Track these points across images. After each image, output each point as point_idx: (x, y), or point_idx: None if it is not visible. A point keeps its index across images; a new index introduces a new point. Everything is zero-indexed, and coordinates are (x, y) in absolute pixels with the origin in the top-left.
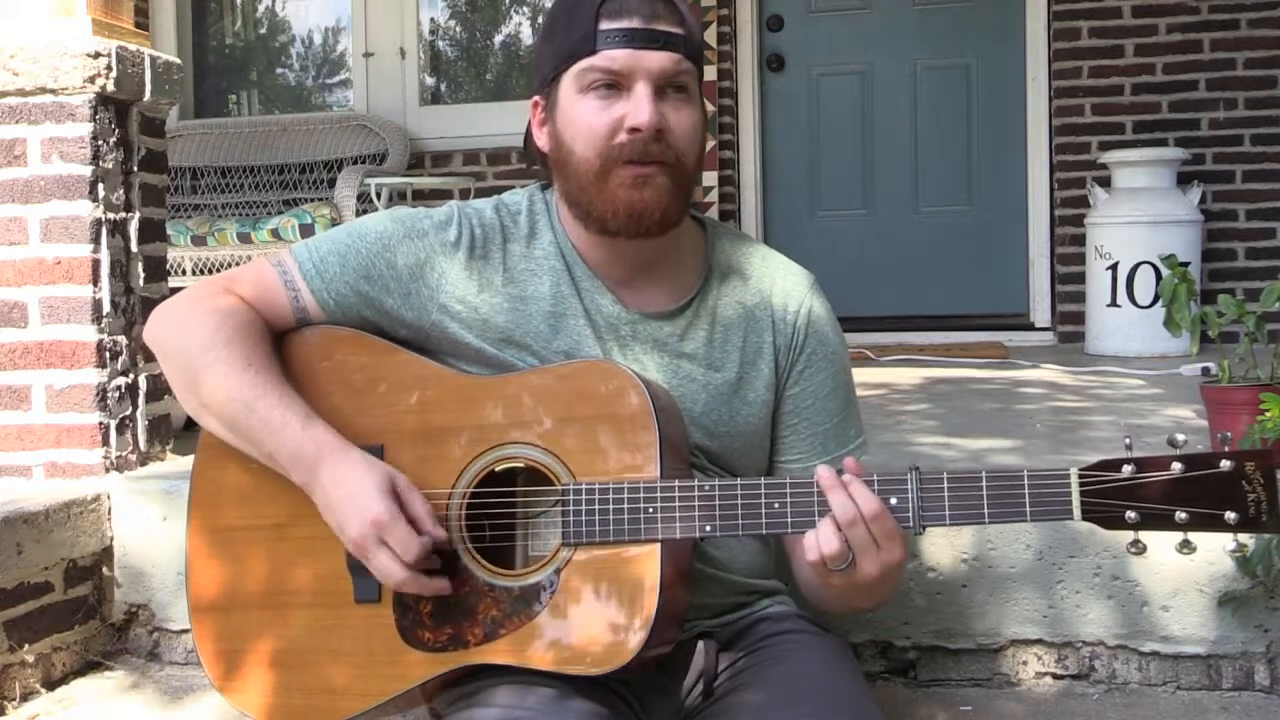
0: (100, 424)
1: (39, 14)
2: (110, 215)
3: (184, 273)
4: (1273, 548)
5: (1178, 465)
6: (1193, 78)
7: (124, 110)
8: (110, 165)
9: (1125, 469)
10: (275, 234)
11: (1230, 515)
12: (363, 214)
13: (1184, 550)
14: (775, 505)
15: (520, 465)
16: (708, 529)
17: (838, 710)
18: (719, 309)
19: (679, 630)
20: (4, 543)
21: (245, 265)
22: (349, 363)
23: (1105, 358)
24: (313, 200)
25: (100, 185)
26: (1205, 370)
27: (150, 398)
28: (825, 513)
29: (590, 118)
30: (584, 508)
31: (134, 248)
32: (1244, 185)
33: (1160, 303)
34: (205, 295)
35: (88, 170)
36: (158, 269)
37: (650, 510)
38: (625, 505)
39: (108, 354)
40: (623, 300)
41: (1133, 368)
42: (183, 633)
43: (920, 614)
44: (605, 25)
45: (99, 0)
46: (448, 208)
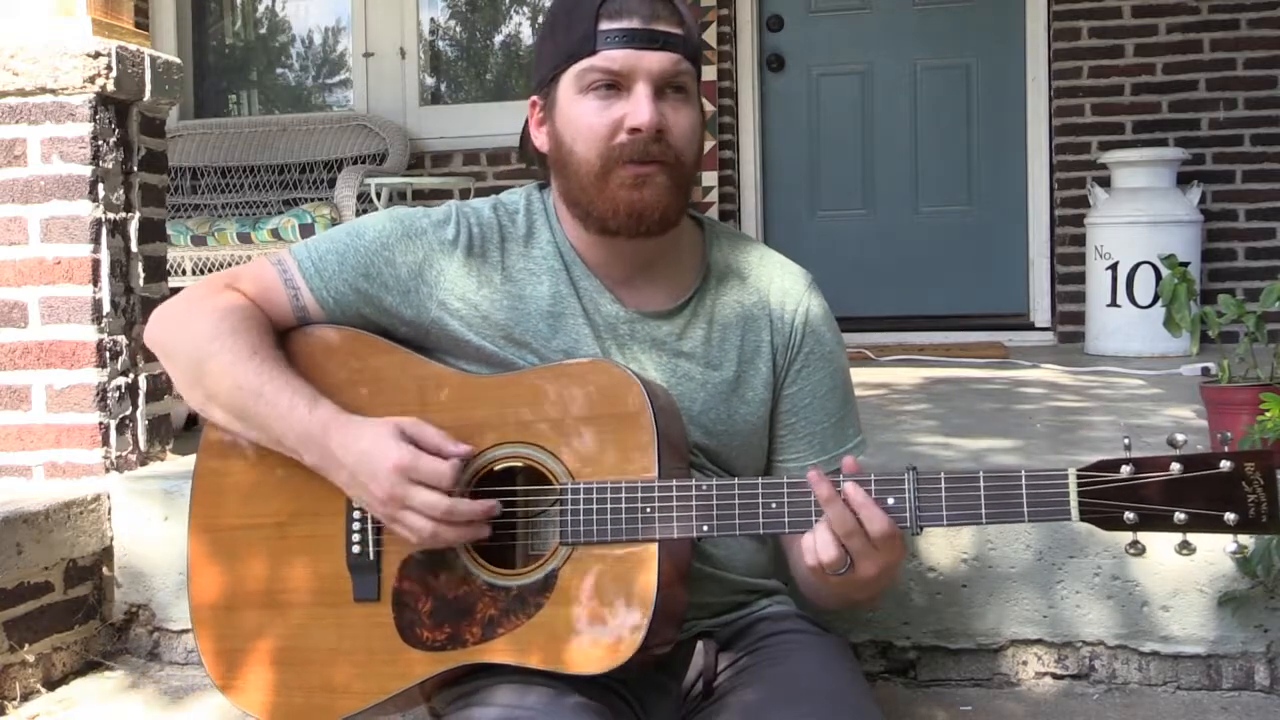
0: (100, 424)
1: (39, 14)
2: (110, 215)
3: (184, 273)
4: (1273, 548)
5: (1177, 466)
6: (1193, 78)
7: (124, 110)
8: (110, 165)
9: (1124, 469)
10: (275, 234)
11: (1230, 516)
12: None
13: (1183, 551)
14: (772, 505)
15: (519, 465)
16: (705, 529)
17: (838, 710)
18: (717, 308)
19: (678, 630)
20: (4, 543)
21: (245, 265)
22: (349, 362)
23: (1105, 358)
24: (313, 200)
25: (100, 185)
26: (1205, 370)
27: (150, 398)
28: (823, 514)
29: (590, 118)
30: (582, 507)
31: (134, 248)
32: (1244, 185)
33: (1160, 303)
34: (207, 293)
35: (88, 170)
36: (158, 269)
37: (648, 510)
38: (623, 505)
39: (108, 354)
40: (621, 299)
41: (1133, 368)
42: (183, 633)
43: (920, 614)
44: (605, 25)
45: (99, 0)
46: (446, 207)
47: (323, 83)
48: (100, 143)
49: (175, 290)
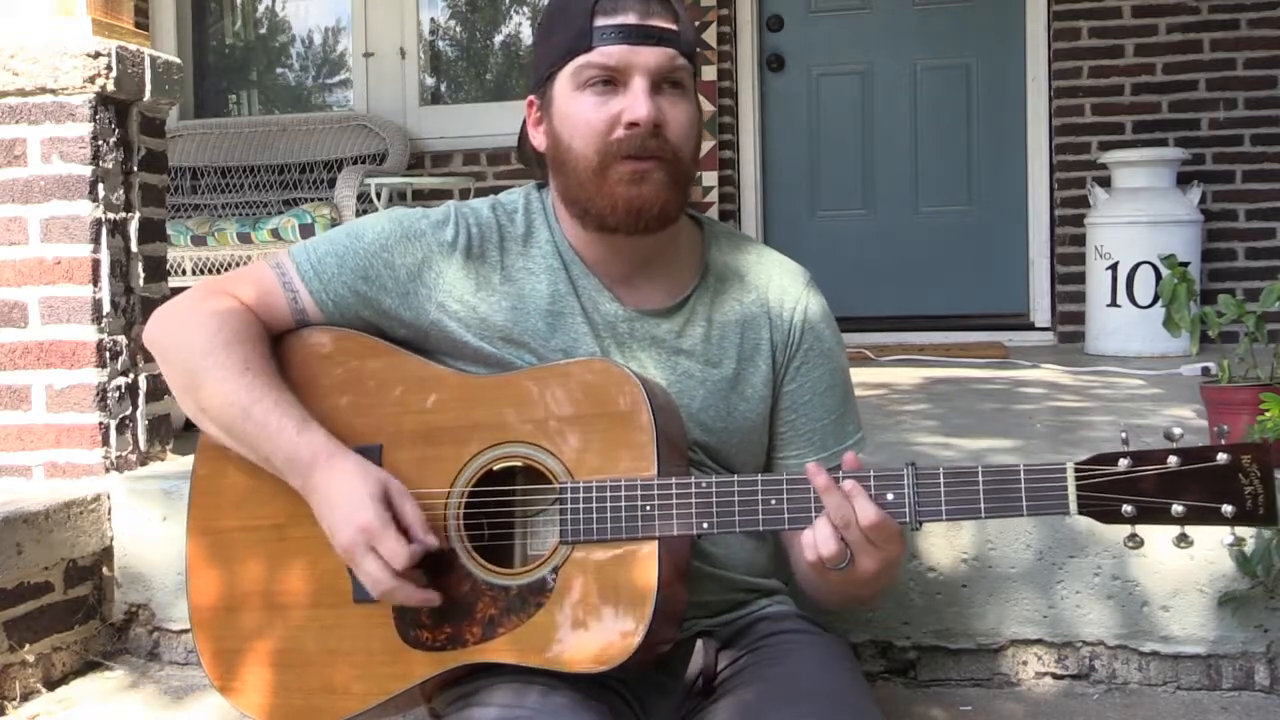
0: (100, 424)
1: (39, 14)
2: (110, 215)
3: (184, 273)
4: (1273, 548)
5: (1174, 459)
6: (1193, 78)
7: (124, 110)
8: (110, 165)
9: (1121, 463)
10: (275, 234)
11: (1227, 508)
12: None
13: (1181, 544)
14: (772, 502)
15: (518, 464)
16: (705, 526)
17: (837, 710)
18: (716, 306)
19: (677, 629)
20: (4, 543)
21: (244, 267)
22: (348, 363)
23: (1105, 358)
24: (313, 200)
25: (100, 185)
26: (1205, 370)
27: (150, 398)
28: (821, 510)
29: (588, 113)
30: (581, 506)
31: (134, 248)
32: (1244, 185)
33: (1160, 303)
34: (204, 298)
35: (88, 170)
36: (158, 269)
37: (648, 508)
38: (623, 503)
39: (108, 354)
40: (620, 298)
41: (1133, 368)
42: (183, 633)
43: (920, 614)
44: (600, 22)
45: (99, 0)
46: (444, 208)
47: (323, 83)
48: (100, 143)
49: (175, 290)
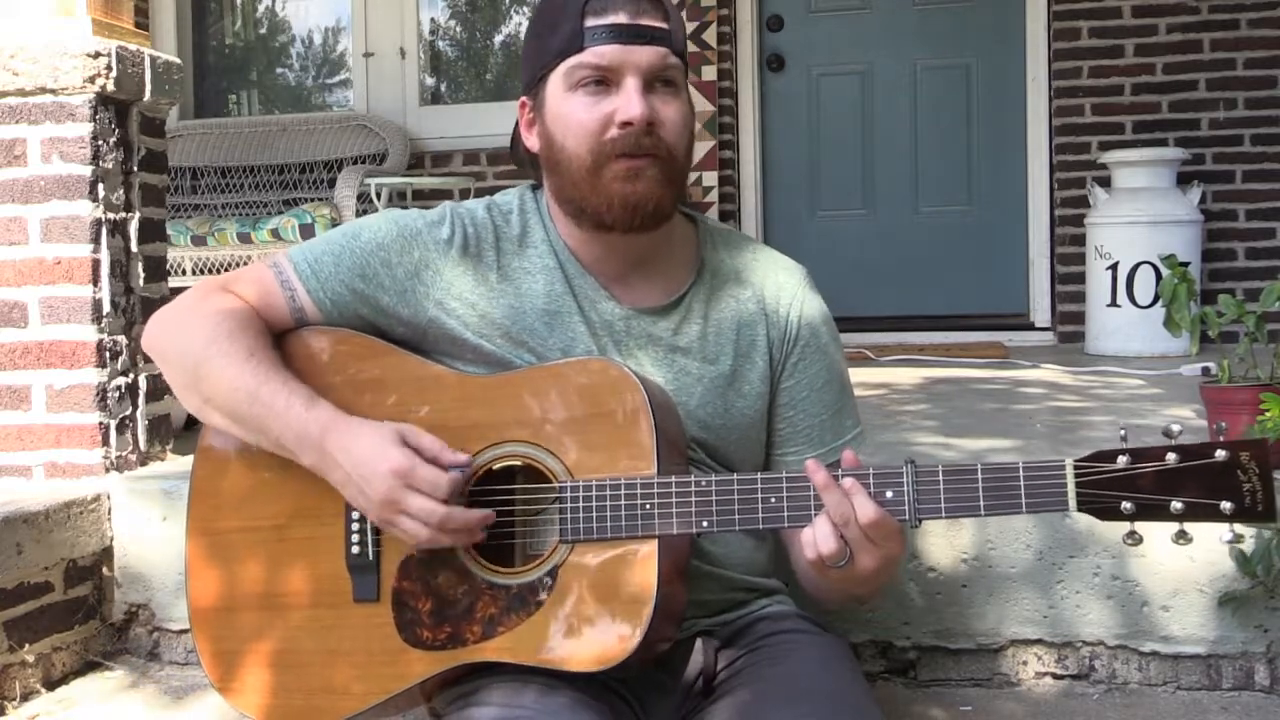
0: (100, 424)
1: (39, 14)
2: (110, 215)
3: (184, 273)
4: (1273, 548)
5: (1172, 456)
6: (1193, 78)
7: (124, 110)
8: (110, 165)
9: (1120, 460)
10: (275, 234)
11: (1226, 505)
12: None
13: (1180, 541)
14: (772, 500)
15: (518, 464)
16: (705, 524)
17: (837, 710)
18: (712, 303)
19: (677, 628)
20: (4, 543)
21: (241, 269)
22: (346, 364)
23: (1105, 358)
24: (313, 200)
25: (100, 185)
26: (1205, 370)
27: (150, 398)
28: (821, 508)
29: (581, 114)
30: (581, 505)
31: (134, 248)
32: (1244, 185)
33: (1160, 303)
34: (203, 297)
35: (88, 170)
36: (158, 269)
37: (647, 506)
38: (622, 502)
39: (108, 354)
40: (616, 297)
41: (1133, 368)
42: (182, 633)
43: (920, 614)
44: (591, 22)
45: (99, 0)
46: (441, 208)
47: (323, 83)
48: (100, 143)
49: (175, 290)
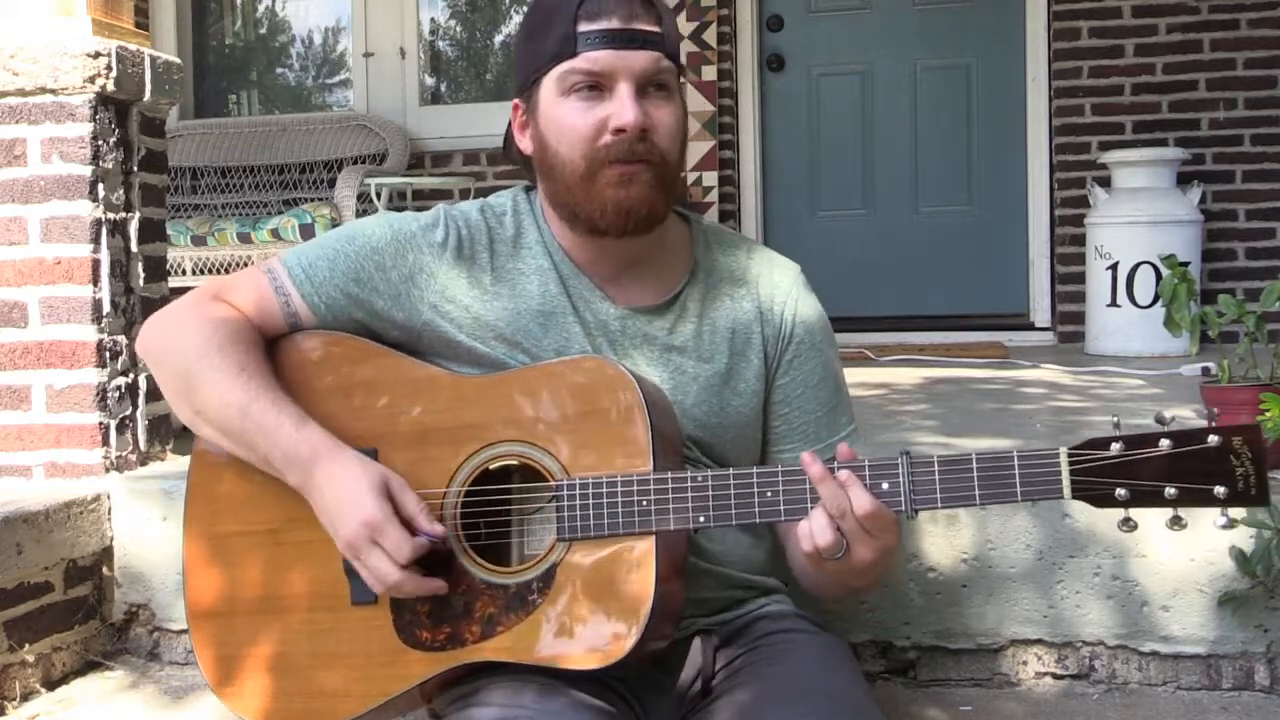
0: (100, 424)
1: (39, 14)
2: (110, 215)
3: (184, 273)
4: (1273, 548)
5: (1166, 442)
6: (1193, 78)
7: (124, 110)
8: (110, 165)
9: (1114, 447)
10: (275, 234)
11: (1219, 490)
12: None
13: (1175, 526)
14: (768, 494)
15: (514, 463)
16: (701, 519)
17: (837, 709)
18: (706, 302)
19: (675, 626)
20: (4, 543)
21: (236, 274)
22: (341, 367)
23: (1105, 358)
24: (313, 200)
25: (100, 185)
26: (1205, 370)
27: (150, 398)
28: (817, 501)
29: (574, 119)
30: (578, 503)
31: (134, 248)
32: (1244, 185)
33: (1160, 303)
34: (196, 304)
35: (88, 170)
36: (158, 269)
37: (644, 503)
38: (619, 499)
39: (108, 354)
40: (611, 297)
41: (1133, 368)
42: (182, 633)
43: (920, 614)
44: (584, 27)
45: (99, 0)
46: (434, 210)
47: (323, 83)
48: (100, 143)
49: (175, 290)
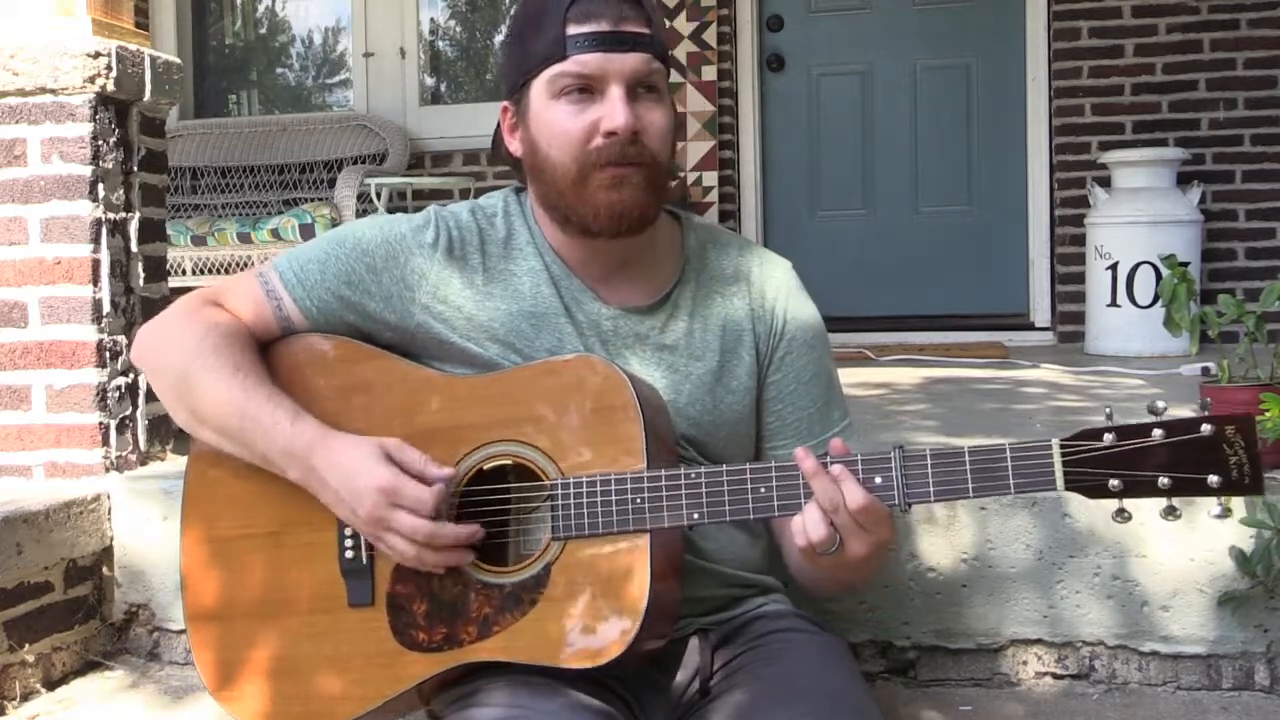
0: (100, 424)
1: (39, 14)
2: (110, 215)
3: (184, 273)
4: (1273, 548)
5: (1158, 432)
6: (1193, 78)
7: (124, 110)
8: (110, 165)
9: (1106, 437)
10: (275, 234)
11: (1213, 479)
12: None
13: (1169, 517)
14: (761, 490)
15: (509, 463)
16: (695, 516)
17: (836, 709)
18: (698, 300)
19: (672, 625)
20: (4, 543)
21: (227, 280)
22: (335, 370)
23: (1105, 358)
24: (313, 200)
25: (100, 185)
26: (1205, 370)
27: (150, 398)
28: (811, 496)
29: (565, 123)
30: (572, 502)
31: (134, 248)
32: (1244, 185)
33: (1160, 303)
34: (190, 310)
35: (88, 170)
36: (158, 269)
37: (638, 500)
38: (613, 497)
39: (108, 354)
40: (602, 297)
41: (1133, 368)
42: (182, 633)
43: (920, 614)
44: (574, 30)
45: (99, 0)
46: (425, 212)
47: (323, 83)
48: (100, 143)
49: (175, 290)
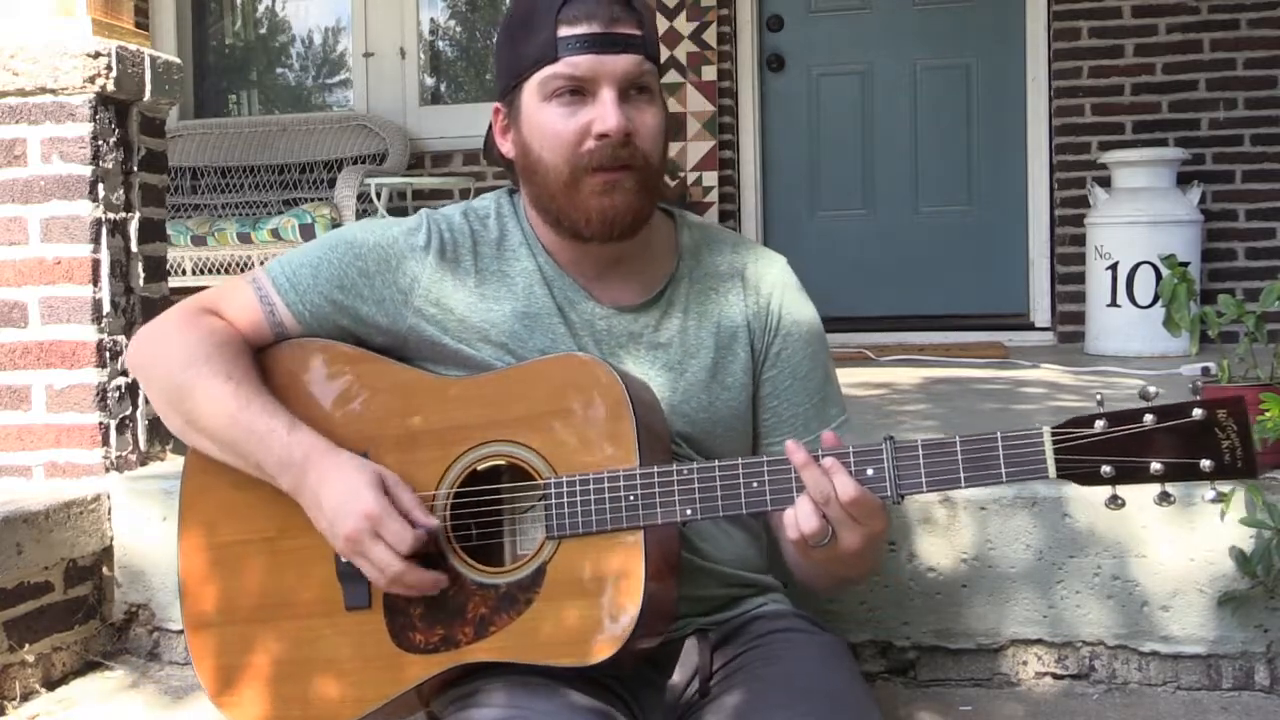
0: (100, 424)
1: (39, 14)
2: (110, 215)
3: (184, 273)
4: (1273, 548)
5: (1150, 417)
6: (1193, 78)
7: (124, 110)
8: (110, 165)
9: (1098, 424)
10: (275, 234)
11: (1206, 463)
12: (363, 214)
13: (1163, 503)
14: (754, 484)
15: (503, 463)
16: (689, 512)
17: (836, 710)
18: (691, 297)
19: (668, 624)
20: (4, 543)
21: (222, 285)
22: (329, 373)
23: (1105, 358)
24: (313, 200)
25: (100, 185)
26: (1205, 370)
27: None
28: (803, 489)
29: (557, 125)
30: (566, 500)
31: (134, 248)
32: (1244, 185)
33: (1160, 303)
34: (183, 316)
35: (88, 170)
36: (158, 269)
37: (631, 498)
38: (606, 495)
39: (108, 354)
40: (595, 297)
41: (1133, 368)
42: (182, 633)
43: (920, 614)
44: (565, 31)
45: (99, 0)
46: (417, 215)
47: (323, 83)
48: (100, 143)
49: (175, 290)
